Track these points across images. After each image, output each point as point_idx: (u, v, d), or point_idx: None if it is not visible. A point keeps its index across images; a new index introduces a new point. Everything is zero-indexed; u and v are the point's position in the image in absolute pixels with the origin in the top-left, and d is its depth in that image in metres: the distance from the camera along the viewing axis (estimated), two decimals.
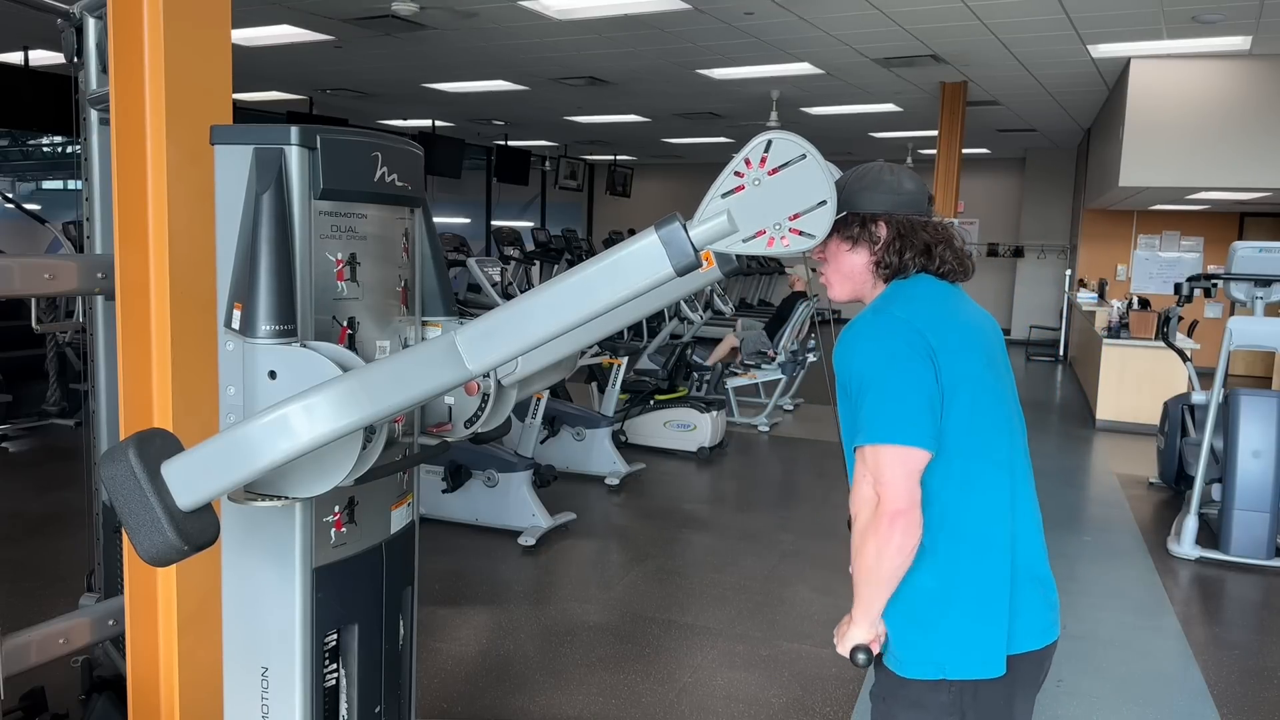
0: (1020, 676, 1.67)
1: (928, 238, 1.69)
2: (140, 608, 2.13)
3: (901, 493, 1.55)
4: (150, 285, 2.00)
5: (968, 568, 1.62)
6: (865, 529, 1.59)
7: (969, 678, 1.61)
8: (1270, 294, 5.21)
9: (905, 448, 1.56)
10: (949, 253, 1.71)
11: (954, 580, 1.62)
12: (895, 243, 1.68)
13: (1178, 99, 8.07)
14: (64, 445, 6.82)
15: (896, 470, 1.56)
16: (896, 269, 1.69)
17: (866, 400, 1.59)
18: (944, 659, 1.62)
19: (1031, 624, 1.67)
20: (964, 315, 1.70)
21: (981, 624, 1.62)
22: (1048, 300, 15.29)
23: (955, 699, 1.62)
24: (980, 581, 1.62)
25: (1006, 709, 1.67)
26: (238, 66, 2.17)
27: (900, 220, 1.68)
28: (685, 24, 7.40)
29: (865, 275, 1.72)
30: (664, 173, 18.89)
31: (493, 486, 5.09)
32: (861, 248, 1.70)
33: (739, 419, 8.18)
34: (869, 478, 1.59)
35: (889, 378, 1.58)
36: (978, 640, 1.62)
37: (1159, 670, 3.79)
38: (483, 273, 6.21)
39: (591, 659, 3.70)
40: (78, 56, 2.55)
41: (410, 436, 1.97)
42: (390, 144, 1.81)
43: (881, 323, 1.64)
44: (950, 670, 1.62)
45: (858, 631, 1.65)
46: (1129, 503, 6.14)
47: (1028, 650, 1.66)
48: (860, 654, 1.65)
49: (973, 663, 1.61)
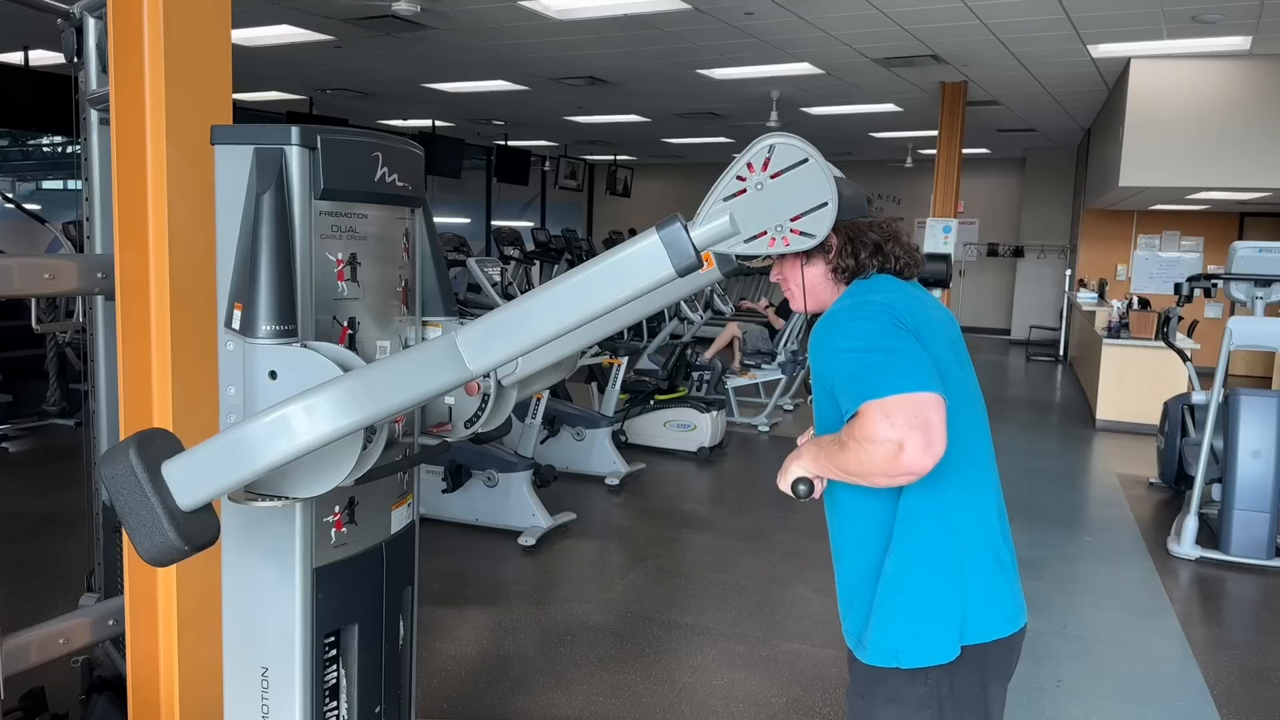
0: (992, 664, 1.68)
1: (876, 236, 1.71)
2: (140, 608, 2.13)
3: (923, 444, 1.42)
4: (150, 285, 2.00)
5: (924, 552, 1.63)
6: (878, 452, 1.44)
7: (922, 664, 1.62)
8: (1270, 294, 5.21)
9: (919, 394, 1.45)
10: (898, 248, 1.73)
11: (910, 565, 1.63)
12: (847, 246, 1.70)
13: (1178, 99, 8.07)
14: (64, 445, 6.81)
15: (916, 416, 1.43)
16: (854, 270, 1.71)
17: (857, 369, 1.51)
18: (899, 646, 1.63)
19: (999, 611, 1.68)
20: (928, 306, 1.72)
21: (934, 609, 1.63)
22: (1048, 300, 15.29)
23: (931, 691, 1.63)
24: (935, 567, 1.63)
25: (981, 698, 1.68)
26: (238, 66, 2.17)
27: (847, 225, 1.69)
28: (685, 24, 7.40)
29: (825, 284, 1.74)
30: (664, 173, 18.89)
31: (493, 486, 5.09)
32: (816, 259, 1.72)
33: (739, 419, 8.19)
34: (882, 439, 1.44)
35: (882, 342, 1.54)
36: (931, 626, 1.63)
37: (1159, 670, 3.79)
38: (483, 273, 6.20)
39: (591, 659, 3.70)
40: (78, 56, 2.55)
41: (410, 436, 1.97)
42: (390, 144, 1.81)
43: (861, 308, 1.63)
44: (903, 658, 1.63)
45: (801, 468, 1.64)
46: (1129, 503, 6.14)
47: (998, 638, 1.67)
48: (801, 485, 1.64)
49: (927, 649, 1.62)
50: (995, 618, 1.67)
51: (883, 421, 1.44)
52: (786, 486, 1.67)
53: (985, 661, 1.66)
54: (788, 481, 1.66)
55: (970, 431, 1.68)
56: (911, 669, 1.63)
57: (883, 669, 1.66)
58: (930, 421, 1.44)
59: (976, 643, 1.64)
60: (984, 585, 1.66)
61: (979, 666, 1.66)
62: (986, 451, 1.74)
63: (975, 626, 1.64)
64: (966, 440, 1.65)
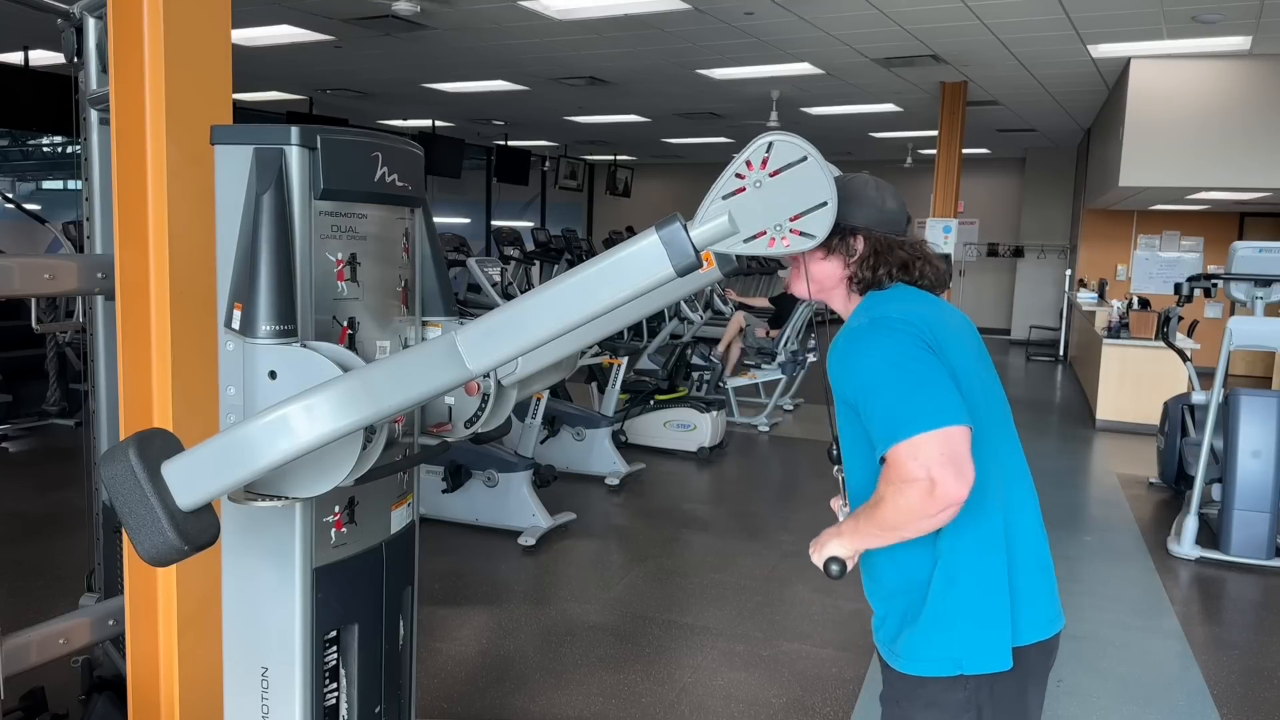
0: (1032, 667, 1.67)
1: (904, 255, 1.69)
2: (140, 608, 2.13)
3: (954, 477, 1.44)
4: (150, 285, 2.00)
5: (970, 562, 1.61)
6: (911, 493, 1.46)
7: (979, 672, 1.61)
8: (1270, 294, 5.20)
9: (945, 429, 1.46)
10: (928, 268, 1.72)
11: (957, 575, 1.61)
12: (870, 259, 1.68)
13: (1178, 99, 8.07)
14: (64, 445, 6.81)
15: (942, 454, 1.45)
16: (870, 284, 1.69)
17: (882, 400, 1.52)
18: (953, 654, 1.61)
19: (1039, 613, 1.67)
20: (946, 314, 1.71)
21: (986, 617, 1.61)
22: (1048, 300, 15.29)
23: (971, 695, 1.61)
24: (983, 575, 1.62)
25: (1020, 701, 1.67)
26: (238, 66, 2.17)
27: (878, 238, 1.68)
28: (685, 24, 7.40)
29: (833, 284, 1.72)
30: (664, 173, 18.89)
31: (493, 486, 5.09)
32: (836, 258, 1.70)
33: (739, 419, 8.19)
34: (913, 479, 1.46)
35: (905, 370, 1.53)
36: (983, 634, 1.61)
37: (1159, 670, 3.79)
38: (483, 273, 6.21)
39: (591, 659, 3.70)
40: (78, 56, 2.55)
41: (410, 436, 1.97)
42: (390, 144, 1.81)
43: (881, 326, 1.60)
44: (961, 665, 1.61)
45: (839, 547, 1.62)
46: (1129, 503, 6.14)
47: (1038, 640, 1.66)
48: (834, 565, 1.63)
49: (982, 657, 1.61)
50: (1037, 620, 1.66)
51: (912, 463, 1.46)
52: (820, 561, 1.65)
53: (1026, 664, 1.64)
54: (822, 558, 1.64)
55: (1003, 439, 1.68)
56: (954, 675, 1.61)
57: (921, 675, 1.64)
58: (958, 454, 1.46)
59: (1020, 645, 1.63)
60: (1028, 588, 1.65)
61: (1019, 669, 1.63)
62: (1018, 456, 1.73)
63: (1020, 629, 1.63)
64: (1001, 448, 1.65)
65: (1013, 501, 1.67)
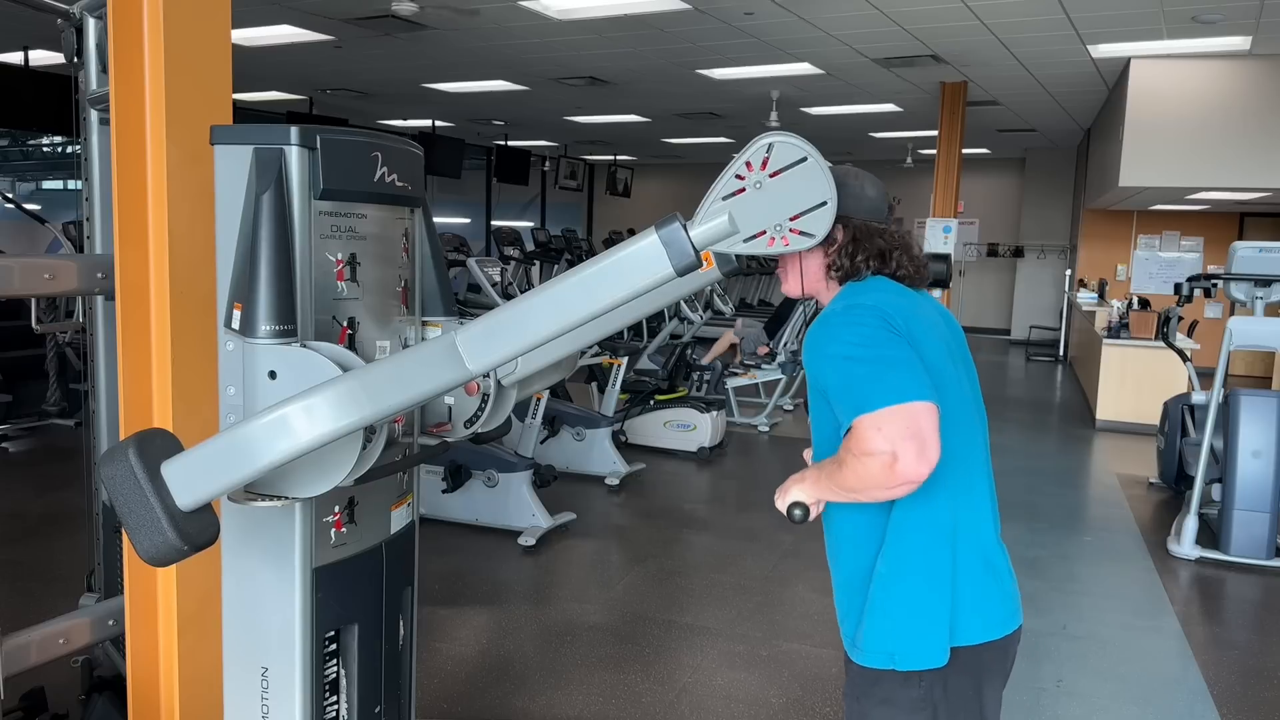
0: (986, 666, 1.68)
1: (883, 244, 1.70)
2: (140, 608, 2.13)
3: (915, 454, 1.43)
4: (150, 285, 2.00)
5: (912, 556, 1.63)
6: (873, 464, 1.46)
7: (909, 668, 1.62)
8: (1270, 294, 5.21)
9: (911, 404, 1.46)
10: (906, 259, 1.71)
11: (899, 567, 1.63)
12: (849, 246, 1.68)
13: (1178, 99, 8.07)
14: (64, 445, 6.81)
15: (907, 428, 1.44)
16: (848, 272, 1.69)
17: (849, 378, 1.53)
18: (888, 648, 1.63)
19: (991, 613, 1.68)
20: (923, 308, 1.71)
21: (922, 612, 1.62)
22: (1048, 300, 15.29)
23: (925, 693, 1.63)
24: (923, 569, 1.63)
25: (975, 700, 1.68)
26: (238, 66, 2.17)
27: (858, 225, 1.68)
28: (685, 24, 7.40)
29: (819, 274, 1.73)
30: (664, 173, 18.89)
31: (493, 486, 5.09)
32: (818, 249, 1.69)
33: (739, 419, 8.19)
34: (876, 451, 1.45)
35: (873, 349, 1.54)
36: (918, 628, 1.62)
37: (1159, 670, 3.79)
38: (483, 273, 6.20)
39: (591, 659, 3.70)
40: (78, 56, 2.55)
41: (410, 436, 1.97)
42: (390, 144, 1.81)
43: (853, 312, 1.62)
44: (894, 659, 1.63)
45: (801, 492, 1.64)
46: (1129, 503, 6.14)
47: (989, 640, 1.67)
48: (797, 509, 1.65)
49: (914, 653, 1.62)
50: (986, 621, 1.67)
51: (875, 434, 1.46)
52: (784, 506, 1.67)
53: (978, 664, 1.66)
54: (785, 503, 1.67)
55: (964, 435, 1.67)
56: (905, 671, 1.63)
57: (877, 671, 1.66)
58: (922, 430, 1.46)
59: (967, 645, 1.64)
60: (974, 588, 1.66)
61: (972, 668, 1.65)
62: (981, 454, 1.73)
63: (965, 629, 1.64)
64: (960, 444, 1.64)
65: (966, 499, 1.67)
